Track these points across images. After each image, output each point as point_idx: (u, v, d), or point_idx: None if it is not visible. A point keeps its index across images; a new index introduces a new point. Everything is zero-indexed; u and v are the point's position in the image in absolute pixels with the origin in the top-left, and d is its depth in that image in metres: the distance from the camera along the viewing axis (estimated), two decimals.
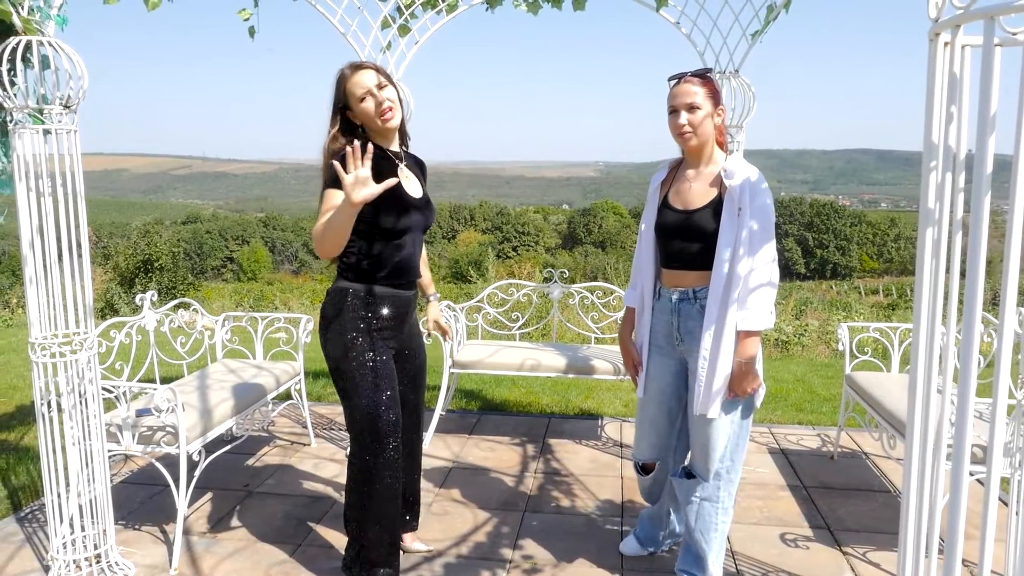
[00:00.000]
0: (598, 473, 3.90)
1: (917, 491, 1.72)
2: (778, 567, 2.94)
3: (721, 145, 2.54)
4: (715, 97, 2.46)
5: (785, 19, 3.58)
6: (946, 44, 1.53)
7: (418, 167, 2.78)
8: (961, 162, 1.52)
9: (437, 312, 3.06)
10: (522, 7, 3.79)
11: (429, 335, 3.07)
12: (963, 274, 1.49)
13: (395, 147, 2.66)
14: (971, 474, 2.48)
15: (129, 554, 2.99)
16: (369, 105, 2.48)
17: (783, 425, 4.78)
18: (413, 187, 2.67)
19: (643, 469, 2.83)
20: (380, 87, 2.49)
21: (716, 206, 2.43)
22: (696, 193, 2.50)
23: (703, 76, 2.47)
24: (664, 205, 2.58)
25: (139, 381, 3.34)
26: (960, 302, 1.52)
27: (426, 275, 2.99)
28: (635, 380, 2.73)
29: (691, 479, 2.60)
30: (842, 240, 68.51)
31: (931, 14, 1.55)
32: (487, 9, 3.90)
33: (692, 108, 2.42)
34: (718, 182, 2.46)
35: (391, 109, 2.50)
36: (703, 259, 2.46)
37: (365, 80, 2.48)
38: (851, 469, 3.96)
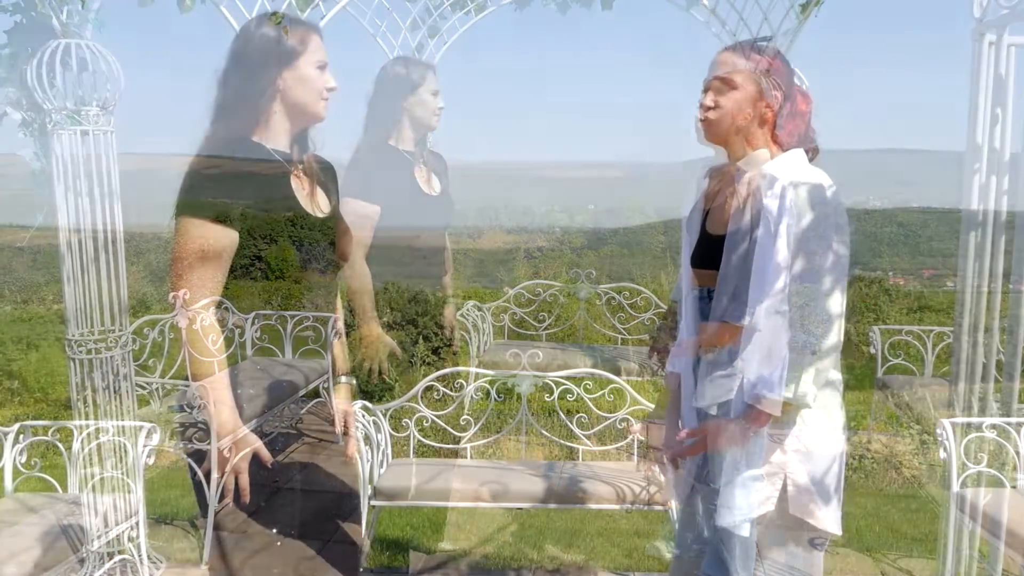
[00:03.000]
0: (625, 474, 3.87)
1: (957, 498, 1.69)
2: (806, 572, 2.89)
3: (778, 143, 1.87)
4: (758, 82, 1.82)
5: (815, 18, 3.49)
6: (991, 44, 1.49)
7: (440, 163, 2.97)
8: (1006, 163, 1.48)
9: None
10: (551, 6, 3.77)
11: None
12: (1006, 276, 1.45)
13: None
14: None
15: (161, 548, 3.03)
16: (438, 104, 2.79)
17: None
18: (432, 185, 2.88)
19: (673, 463, 2.80)
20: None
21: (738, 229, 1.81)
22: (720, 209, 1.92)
23: (755, 47, 1.88)
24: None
25: (171, 378, 3.38)
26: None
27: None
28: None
29: (710, 486, 2.53)
30: (872, 241, 67.39)
31: (975, 13, 1.52)
32: (516, 9, 3.88)
33: (720, 88, 1.82)
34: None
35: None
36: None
37: (437, 83, 2.84)
38: (882, 472, 3.89)
